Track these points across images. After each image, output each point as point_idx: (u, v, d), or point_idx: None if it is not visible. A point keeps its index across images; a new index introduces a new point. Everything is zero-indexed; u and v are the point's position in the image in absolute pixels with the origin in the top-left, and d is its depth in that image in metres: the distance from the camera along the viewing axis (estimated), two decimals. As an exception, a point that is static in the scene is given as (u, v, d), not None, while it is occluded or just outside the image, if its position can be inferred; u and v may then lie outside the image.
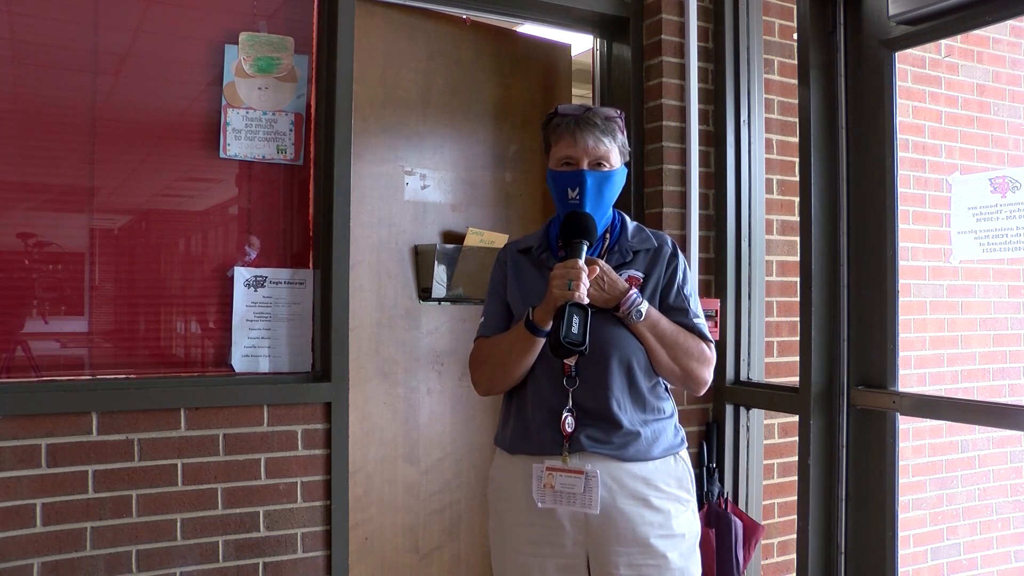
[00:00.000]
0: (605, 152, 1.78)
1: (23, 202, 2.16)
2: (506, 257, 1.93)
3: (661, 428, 1.80)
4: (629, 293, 1.74)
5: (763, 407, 2.83)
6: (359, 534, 2.57)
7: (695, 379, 1.81)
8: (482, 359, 1.86)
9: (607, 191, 1.79)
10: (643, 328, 1.75)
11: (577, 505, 1.72)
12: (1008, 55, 3.53)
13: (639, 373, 1.77)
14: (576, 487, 1.72)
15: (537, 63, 2.98)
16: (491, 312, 1.90)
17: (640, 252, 1.84)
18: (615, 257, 1.83)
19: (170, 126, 2.31)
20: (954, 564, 3.39)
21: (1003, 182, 2.64)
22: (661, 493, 1.76)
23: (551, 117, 1.85)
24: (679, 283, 1.83)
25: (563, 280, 1.65)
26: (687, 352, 1.78)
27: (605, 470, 1.73)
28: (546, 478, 1.74)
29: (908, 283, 3.22)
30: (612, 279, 1.75)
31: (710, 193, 2.90)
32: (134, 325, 2.28)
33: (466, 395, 2.81)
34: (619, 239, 1.85)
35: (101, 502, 2.13)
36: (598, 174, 1.77)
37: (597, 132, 1.77)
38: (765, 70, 2.93)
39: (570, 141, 1.78)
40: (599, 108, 1.83)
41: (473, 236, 2.74)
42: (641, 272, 1.82)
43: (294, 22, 2.44)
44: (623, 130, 1.83)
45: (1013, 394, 3.49)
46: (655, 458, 1.77)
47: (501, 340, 1.82)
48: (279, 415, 2.33)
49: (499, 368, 1.81)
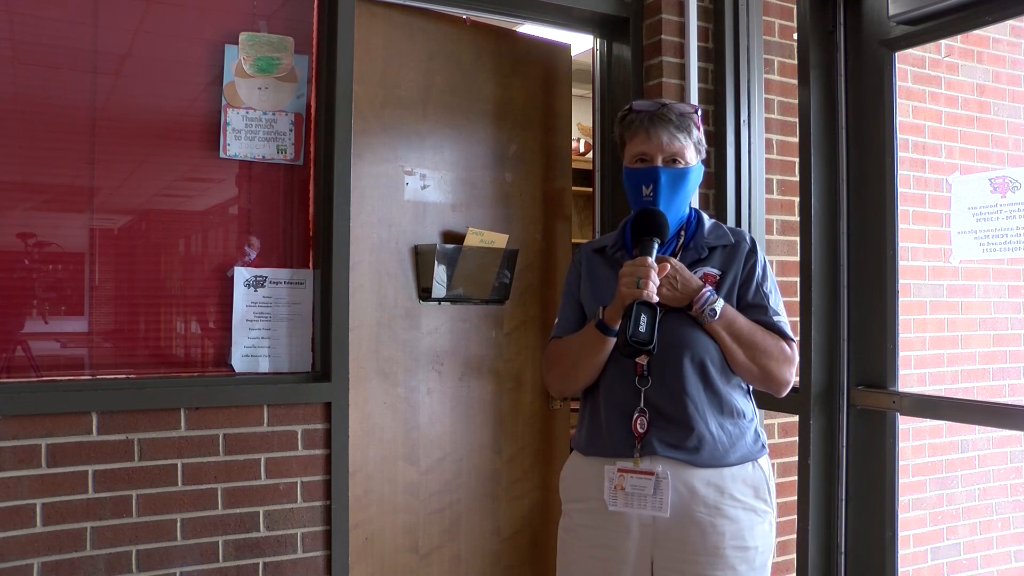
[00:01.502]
0: (680, 148, 1.75)
1: (23, 202, 2.16)
2: (581, 257, 1.92)
3: (739, 432, 1.75)
4: (702, 292, 1.70)
5: (763, 407, 2.81)
6: (359, 534, 2.57)
7: (774, 379, 1.76)
8: (555, 359, 1.85)
9: (682, 188, 1.77)
10: (718, 327, 1.71)
11: (648, 508, 1.68)
12: (1008, 55, 3.53)
13: (714, 373, 1.73)
14: (646, 489, 1.68)
15: (537, 63, 2.98)
16: (565, 313, 1.89)
17: (717, 249, 1.81)
18: (690, 254, 1.80)
19: (170, 126, 2.31)
20: (954, 564, 3.39)
21: (1003, 182, 2.64)
22: (736, 502, 1.71)
23: (626, 113, 1.82)
24: (758, 280, 1.80)
25: (631, 278, 1.63)
26: (765, 351, 1.74)
27: (677, 475, 1.68)
28: (617, 480, 1.71)
29: (908, 283, 3.21)
30: (685, 277, 1.71)
31: (710, 193, 2.90)
32: (134, 325, 2.28)
33: (466, 395, 2.81)
34: (695, 236, 1.82)
35: (101, 502, 2.14)
36: (672, 171, 1.75)
37: (672, 128, 1.74)
38: (765, 70, 2.93)
39: (644, 137, 1.75)
40: (675, 104, 1.80)
41: (473, 236, 2.74)
42: (717, 269, 1.78)
43: (294, 22, 2.44)
44: (699, 126, 1.80)
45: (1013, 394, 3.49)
46: (731, 464, 1.72)
47: (573, 340, 1.81)
48: (279, 415, 2.33)
49: (571, 368, 1.79)
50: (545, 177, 2.98)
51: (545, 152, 2.98)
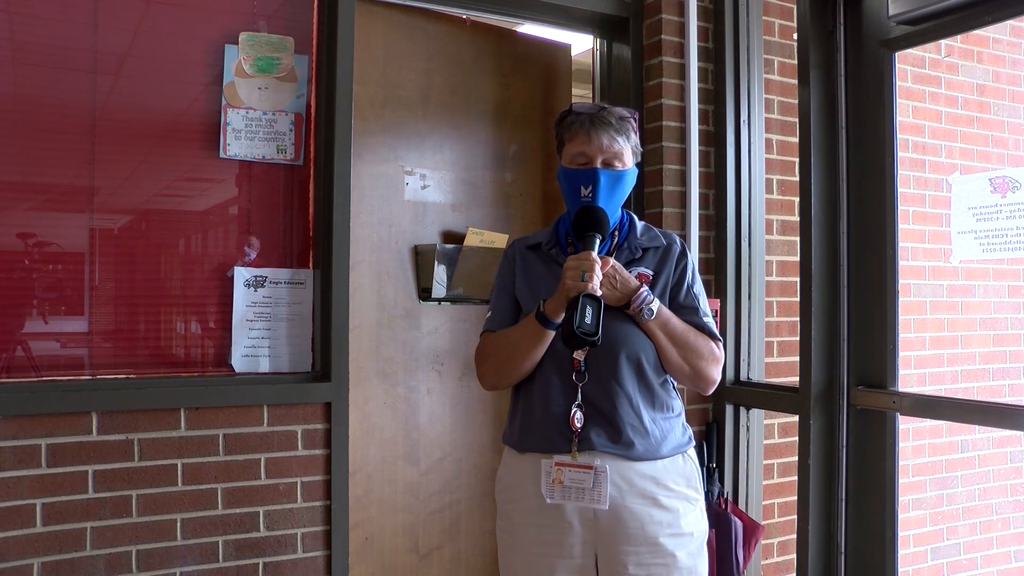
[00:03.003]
0: (619, 151, 1.78)
1: (23, 202, 2.16)
2: (514, 253, 1.93)
3: (670, 426, 1.80)
4: (640, 291, 1.73)
5: (763, 407, 2.83)
6: (359, 534, 2.57)
7: (704, 378, 1.82)
8: (489, 353, 1.86)
9: (619, 190, 1.79)
10: (654, 326, 1.75)
11: (586, 500, 1.71)
12: (1008, 55, 3.53)
13: (649, 370, 1.77)
14: (585, 482, 1.71)
15: (537, 63, 2.99)
16: (498, 307, 1.90)
17: (649, 250, 1.84)
18: (624, 255, 1.83)
19: (170, 126, 2.31)
20: (954, 564, 3.39)
21: (1003, 182, 2.64)
22: (670, 492, 1.76)
23: (565, 115, 1.84)
24: (689, 282, 1.83)
25: (576, 271, 1.66)
26: (697, 351, 1.78)
27: (614, 469, 1.72)
28: (555, 473, 1.73)
29: (908, 283, 3.22)
30: (623, 276, 1.75)
31: (710, 193, 2.90)
32: (134, 325, 2.28)
33: (466, 395, 2.81)
34: (628, 237, 1.85)
35: (101, 502, 2.14)
36: (611, 172, 1.77)
37: (611, 131, 1.76)
38: (765, 70, 2.93)
39: (584, 139, 1.77)
40: (614, 107, 1.82)
41: (473, 236, 2.74)
42: (651, 270, 1.82)
43: (294, 22, 2.44)
44: (636, 131, 1.83)
45: (1013, 394, 3.49)
46: (664, 457, 1.77)
47: (510, 333, 1.82)
48: (279, 415, 2.33)
49: (507, 361, 1.80)
50: (545, 177, 2.98)
51: (545, 152, 2.98)
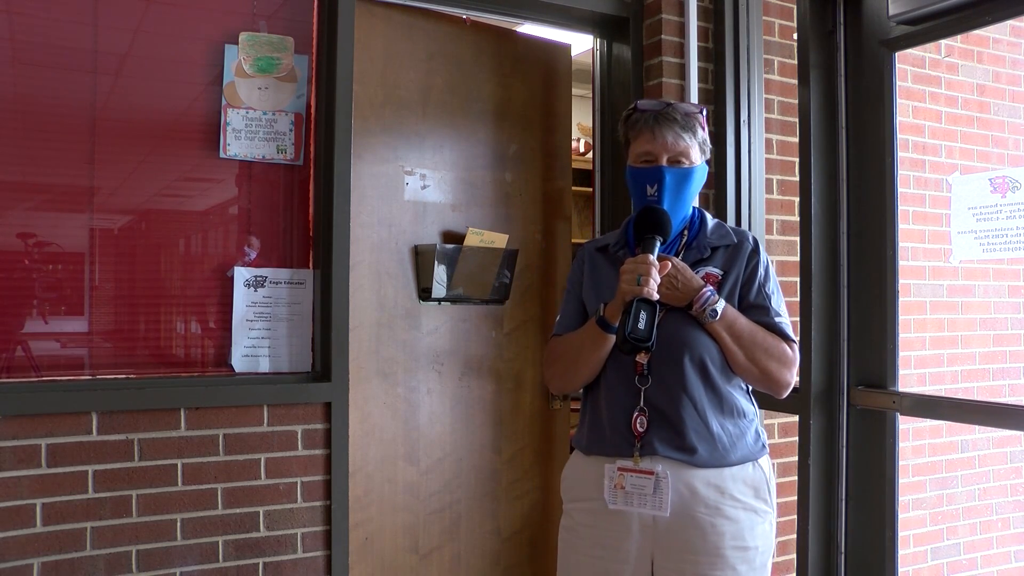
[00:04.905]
0: (685, 148, 1.75)
1: (23, 202, 2.16)
2: (584, 255, 1.92)
3: (740, 432, 1.75)
4: (703, 291, 1.70)
5: (763, 407, 2.81)
6: (359, 534, 2.57)
7: (775, 380, 1.77)
8: (555, 357, 1.85)
9: (686, 188, 1.77)
10: (719, 327, 1.71)
11: (647, 507, 1.68)
12: (1008, 55, 3.53)
13: (715, 372, 1.73)
14: (646, 488, 1.68)
15: (537, 63, 2.98)
16: (566, 310, 1.89)
17: (719, 249, 1.81)
18: (692, 254, 1.80)
19: (170, 126, 2.31)
20: (954, 564, 3.39)
21: (1003, 182, 2.64)
22: (735, 502, 1.71)
23: (630, 112, 1.82)
24: (760, 280, 1.80)
25: (632, 275, 1.63)
26: (766, 352, 1.74)
27: (677, 476, 1.68)
28: (617, 478, 1.71)
29: (908, 283, 3.21)
30: (686, 277, 1.71)
31: (710, 193, 2.90)
32: (134, 325, 2.28)
33: (466, 395, 2.81)
34: (697, 236, 1.82)
35: (101, 502, 2.14)
36: (677, 170, 1.74)
37: (677, 128, 1.74)
38: (765, 70, 2.93)
39: (649, 137, 1.75)
40: (679, 104, 1.80)
41: (473, 236, 2.74)
42: (719, 269, 1.78)
43: (294, 22, 2.44)
44: (704, 126, 1.80)
45: (1013, 394, 3.49)
46: (731, 464, 1.72)
47: (573, 337, 1.81)
48: (279, 415, 2.33)
49: (570, 365, 1.79)
50: (545, 177, 2.98)
51: (545, 152, 2.99)
